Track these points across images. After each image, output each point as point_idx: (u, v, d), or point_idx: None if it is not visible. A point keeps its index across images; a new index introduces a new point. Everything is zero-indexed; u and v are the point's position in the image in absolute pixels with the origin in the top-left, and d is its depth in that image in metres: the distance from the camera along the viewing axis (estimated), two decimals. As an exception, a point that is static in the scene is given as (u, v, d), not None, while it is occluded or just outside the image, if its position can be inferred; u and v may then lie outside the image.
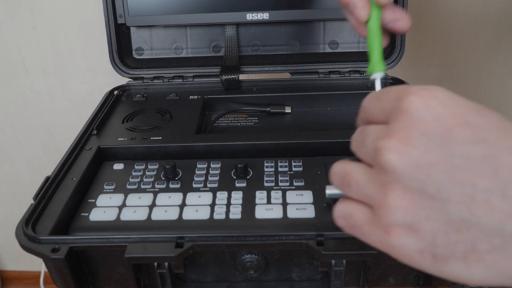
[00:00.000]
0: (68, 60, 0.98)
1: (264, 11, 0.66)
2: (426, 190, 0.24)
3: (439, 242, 0.24)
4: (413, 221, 0.24)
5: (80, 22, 0.93)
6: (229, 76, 0.66)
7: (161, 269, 0.39)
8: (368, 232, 0.26)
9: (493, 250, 0.23)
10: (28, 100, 1.04)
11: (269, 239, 0.37)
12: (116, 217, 0.43)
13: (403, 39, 0.66)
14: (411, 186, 0.24)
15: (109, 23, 0.67)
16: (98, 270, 0.41)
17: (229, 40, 0.70)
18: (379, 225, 0.25)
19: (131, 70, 0.69)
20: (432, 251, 0.24)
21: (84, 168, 0.48)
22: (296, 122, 0.62)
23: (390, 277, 0.40)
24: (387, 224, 0.25)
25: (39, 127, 1.08)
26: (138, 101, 0.65)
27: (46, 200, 0.43)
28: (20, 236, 0.39)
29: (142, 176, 0.49)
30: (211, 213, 0.43)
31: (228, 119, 0.64)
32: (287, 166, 0.49)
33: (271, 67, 0.69)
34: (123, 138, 0.54)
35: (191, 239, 0.37)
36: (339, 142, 0.51)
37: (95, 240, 0.38)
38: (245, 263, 0.41)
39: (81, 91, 1.02)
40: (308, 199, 0.44)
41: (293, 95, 0.65)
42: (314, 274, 0.44)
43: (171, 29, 0.71)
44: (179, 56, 0.72)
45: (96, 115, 0.59)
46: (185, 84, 0.69)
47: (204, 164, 0.50)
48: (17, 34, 0.95)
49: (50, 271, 0.39)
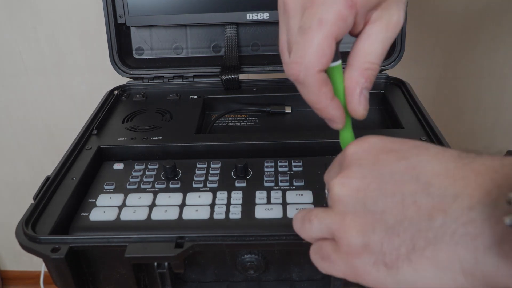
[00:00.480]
0: (68, 60, 0.98)
1: (264, 11, 0.66)
2: (368, 207, 0.28)
3: (386, 249, 0.27)
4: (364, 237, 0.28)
5: (80, 22, 0.93)
6: (229, 76, 0.67)
7: (161, 269, 0.39)
8: (334, 258, 0.30)
9: (430, 244, 0.25)
10: (28, 100, 1.04)
11: (269, 239, 0.37)
12: (116, 217, 0.43)
13: (403, 39, 0.66)
14: (357, 209, 0.28)
15: (109, 23, 0.67)
16: (98, 270, 0.41)
17: (229, 40, 0.70)
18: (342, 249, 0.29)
19: (131, 70, 0.69)
20: (383, 260, 0.27)
21: (84, 168, 0.48)
22: (296, 122, 0.62)
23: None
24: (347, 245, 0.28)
25: (39, 127, 1.08)
26: (138, 101, 0.65)
27: (46, 200, 0.43)
28: (20, 236, 0.39)
29: (142, 176, 0.49)
30: (211, 213, 0.43)
31: (228, 119, 0.64)
32: (287, 166, 0.49)
33: (271, 67, 0.69)
34: (123, 138, 0.54)
35: (191, 239, 0.37)
36: (338, 142, 0.51)
37: (95, 240, 0.38)
38: (245, 263, 0.41)
39: (81, 91, 1.02)
40: (308, 199, 0.44)
41: (293, 95, 0.65)
42: (314, 274, 0.44)
43: (171, 29, 0.71)
44: (179, 56, 0.72)
45: (96, 115, 0.59)
46: (185, 84, 0.69)
47: (204, 164, 0.50)
48: (17, 34, 0.95)
49: (50, 271, 0.39)
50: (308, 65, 0.31)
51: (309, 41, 0.30)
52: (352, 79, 0.33)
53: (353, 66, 0.33)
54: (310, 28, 0.30)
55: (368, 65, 0.33)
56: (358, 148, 0.31)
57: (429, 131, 0.52)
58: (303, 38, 0.31)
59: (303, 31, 0.31)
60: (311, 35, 0.30)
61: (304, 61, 0.31)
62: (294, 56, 0.31)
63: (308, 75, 0.31)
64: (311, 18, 0.30)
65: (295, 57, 0.31)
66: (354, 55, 0.33)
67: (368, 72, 0.33)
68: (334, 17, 0.30)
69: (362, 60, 0.33)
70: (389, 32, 0.33)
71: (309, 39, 0.30)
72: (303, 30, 0.31)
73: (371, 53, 0.33)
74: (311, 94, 0.32)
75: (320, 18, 0.30)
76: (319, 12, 0.30)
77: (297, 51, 0.31)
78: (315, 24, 0.30)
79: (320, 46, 0.30)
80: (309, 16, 0.31)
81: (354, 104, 0.33)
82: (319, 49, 0.30)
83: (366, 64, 0.33)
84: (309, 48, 0.30)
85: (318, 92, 0.32)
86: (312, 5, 0.31)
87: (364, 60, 0.33)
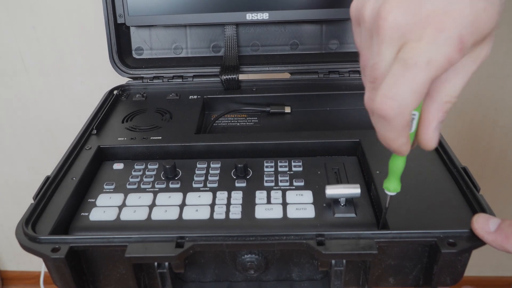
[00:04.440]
0: (68, 60, 0.98)
1: (264, 11, 0.66)
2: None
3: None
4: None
5: (80, 22, 0.93)
6: (228, 76, 0.67)
7: (161, 269, 0.39)
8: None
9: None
10: (28, 100, 1.04)
11: (269, 239, 0.37)
12: (116, 217, 0.43)
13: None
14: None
15: (109, 23, 0.67)
16: (98, 270, 0.41)
17: (228, 40, 0.70)
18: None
19: (130, 70, 0.69)
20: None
21: (84, 168, 0.48)
22: (296, 122, 0.62)
23: (390, 277, 0.40)
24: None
25: (39, 127, 1.08)
26: (138, 100, 0.65)
27: (46, 199, 0.43)
28: (20, 236, 0.39)
29: (142, 176, 0.49)
30: (211, 213, 0.43)
31: (228, 119, 0.64)
32: (287, 166, 0.49)
33: (270, 67, 0.69)
34: (123, 138, 0.54)
35: (191, 239, 0.37)
36: (339, 142, 0.51)
37: (95, 240, 0.38)
38: (245, 263, 0.41)
39: (81, 91, 1.02)
40: (308, 199, 0.44)
41: (293, 95, 0.65)
42: (314, 274, 0.44)
43: (171, 29, 0.71)
44: (178, 56, 0.72)
45: (96, 114, 0.59)
46: (185, 84, 0.69)
47: (204, 164, 0.50)
48: (17, 34, 0.95)
49: (50, 271, 0.39)
50: (404, 104, 0.29)
51: (411, 79, 0.28)
52: (431, 113, 0.32)
53: (433, 99, 0.31)
54: (416, 66, 0.28)
55: (449, 98, 0.31)
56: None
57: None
58: (404, 74, 0.28)
59: (407, 67, 0.28)
60: (415, 74, 0.28)
61: (399, 99, 0.29)
62: (388, 90, 0.29)
63: (400, 114, 0.29)
64: (419, 55, 0.28)
65: (390, 92, 0.29)
66: (437, 87, 0.31)
67: (447, 106, 0.31)
68: (443, 61, 0.28)
69: (444, 93, 0.31)
70: (475, 66, 0.31)
71: (411, 78, 0.28)
72: (407, 65, 0.28)
73: (453, 86, 0.31)
74: (393, 131, 0.30)
75: (430, 59, 0.28)
76: (429, 51, 0.28)
77: (393, 85, 0.29)
78: (423, 64, 0.28)
79: (421, 87, 0.28)
80: (416, 53, 0.28)
81: (428, 137, 0.32)
82: (418, 90, 0.28)
83: (447, 97, 0.31)
84: (409, 87, 0.28)
85: (401, 132, 0.30)
86: (419, 40, 0.28)
87: (446, 93, 0.31)
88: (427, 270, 0.39)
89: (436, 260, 0.37)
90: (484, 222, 0.37)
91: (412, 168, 0.46)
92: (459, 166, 0.45)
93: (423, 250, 0.38)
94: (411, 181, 0.44)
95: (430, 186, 0.44)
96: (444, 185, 0.44)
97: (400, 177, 0.37)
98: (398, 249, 0.38)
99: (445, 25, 0.28)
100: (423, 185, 0.44)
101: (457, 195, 0.43)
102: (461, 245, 0.36)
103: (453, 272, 0.38)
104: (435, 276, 0.38)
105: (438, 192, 0.43)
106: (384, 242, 0.37)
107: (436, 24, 0.28)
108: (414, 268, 0.39)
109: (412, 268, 0.40)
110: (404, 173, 0.36)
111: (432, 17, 0.28)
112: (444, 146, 0.49)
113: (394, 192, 0.37)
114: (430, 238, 0.37)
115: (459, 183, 0.44)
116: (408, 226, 0.39)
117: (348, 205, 0.43)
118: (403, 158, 0.35)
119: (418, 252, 0.38)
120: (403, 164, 0.36)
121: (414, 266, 0.39)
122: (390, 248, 0.38)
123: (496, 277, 1.27)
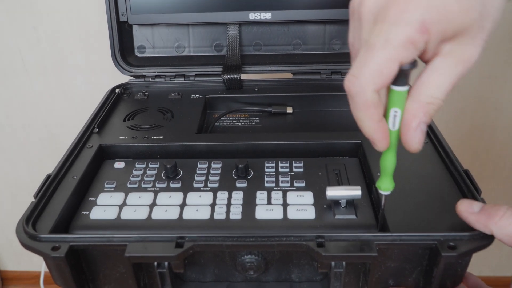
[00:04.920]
0: (69, 60, 0.98)
1: (267, 11, 0.66)
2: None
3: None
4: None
5: (80, 21, 0.93)
6: (231, 76, 0.66)
7: (161, 268, 0.39)
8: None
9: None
10: (28, 100, 1.04)
11: (269, 240, 0.37)
12: (116, 216, 0.43)
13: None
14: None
15: (111, 21, 0.67)
16: (98, 268, 0.41)
17: (231, 39, 0.70)
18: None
19: (133, 68, 0.69)
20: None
21: (85, 167, 0.48)
22: (298, 123, 0.62)
23: (390, 279, 0.40)
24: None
25: (39, 127, 1.08)
26: (140, 99, 0.65)
27: (46, 198, 0.43)
28: (20, 234, 0.39)
29: (143, 175, 0.49)
30: (211, 213, 0.43)
31: (230, 118, 0.64)
32: (288, 166, 0.49)
33: (273, 67, 0.69)
34: (124, 136, 0.54)
35: (191, 239, 0.37)
36: (340, 143, 0.51)
37: (96, 239, 0.38)
38: (245, 263, 0.41)
39: (82, 91, 1.02)
40: (308, 200, 0.44)
41: (295, 96, 0.64)
42: (314, 275, 0.44)
43: (173, 28, 0.71)
44: (181, 54, 0.72)
45: (97, 113, 0.59)
46: (187, 83, 0.69)
47: (205, 164, 0.50)
48: (17, 34, 0.95)
49: (50, 269, 0.39)
50: (362, 82, 0.30)
51: (369, 58, 0.29)
52: (410, 111, 0.32)
53: (414, 98, 0.32)
54: (375, 46, 0.29)
55: (431, 99, 0.31)
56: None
57: (429, 131, 0.52)
58: (365, 54, 0.30)
59: (367, 47, 0.30)
60: (373, 54, 0.29)
61: (359, 77, 0.30)
62: (352, 69, 0.31)
63: (359, 92, 0.30)
64: (378, 35, 0.29)
65: (353, 70, 0.31)
66: (417, 86, 0.32)
67: (429, 107, 0.31)
68: (402, 40, 0.29)
69: (425, 93, 0.31)
70: (459, 68, 0.31)
71: (369, 57, 0.29)
72: (368, 46, 0.30)
73: (435, 87, 0.31)
74: (357, 110, 0.32)
75: (388, 38, 0.29)
76: (388, 30, 0.29)
77: (356, 64, 0.30)
78: (380, 43, 0.29)
79: (379, 66, 0.29)
80: (377, 33, 0.30)
81: (408, 136, 0.32)
82: (377, 69, 0.29)
83: (428, 98, 0.31)
84: (367, 66, 0.30)
85: (364, 112, 0.31)
86: (383, 21, 0.29)
87: (427, 93, 0.31)
88: (427, 273, 0.39)
89: (436, 263, 0.36)
90: (468, 205, 0.38)
91: (414, 170, 0.46)
92: (461, 169, 0.45)
93: (424, 253, 0.38)
94: (412, 183, 0.44)
95: (431, 188, 0.44)
96: (446, 188, 0.44)
97: (392, 176, 0.37)
98: (398, 252, 0.38)
99: (408, 7, 0.29)
100: (424, 187, 0.44)
101: (458, 198, 0.43)
102: (461, 248, 0.36)
103: (453, 275, 0.38)
104: (435, 279, 0.38)
105: (439, 195, 0.43)
106: (384, 245, 0.37)
107: (400, 5, 0.29)
108: (414, 270, 0.39)
109: (412, 271, 0.39)
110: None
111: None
112: (445, 148, 0.48)
113: (386, 191, 0.37)
114: (430, 241, 0.37)
115: (461, 186, 0.44)
116: (409, 228, 0.39)
117: (349, 207, 0.43)
118: (392, 155, 0.35)
119: (418, 255, 0.38)
120: (393, 162, 0.35)
121: (414, 268, 0.39)
122: (390, 251, 0.38)
123: (495, 277, 1.27)
